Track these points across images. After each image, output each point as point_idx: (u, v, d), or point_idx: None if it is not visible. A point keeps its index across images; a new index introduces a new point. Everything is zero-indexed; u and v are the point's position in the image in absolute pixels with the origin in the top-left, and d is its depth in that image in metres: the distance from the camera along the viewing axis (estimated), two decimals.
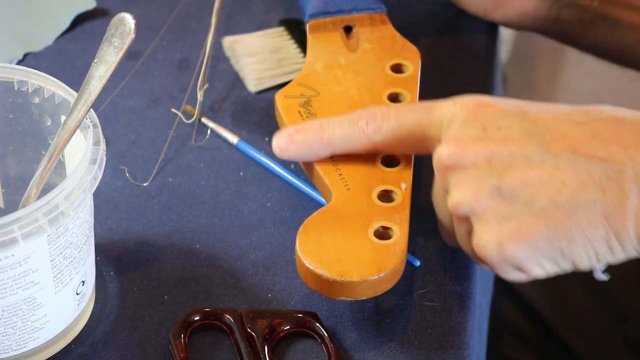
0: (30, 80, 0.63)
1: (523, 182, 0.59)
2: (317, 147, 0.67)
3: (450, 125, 0.62)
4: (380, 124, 0.66)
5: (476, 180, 0.60)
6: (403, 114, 0.66)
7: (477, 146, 0.60)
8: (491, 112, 0.62)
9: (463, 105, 0.63)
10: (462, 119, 0.62)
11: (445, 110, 0.63)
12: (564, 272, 0.61)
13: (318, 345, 0.65)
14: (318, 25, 0.78)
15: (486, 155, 0.60)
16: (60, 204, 0.57)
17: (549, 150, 0.59)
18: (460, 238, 0.64)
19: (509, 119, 0.61)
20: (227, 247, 0.70)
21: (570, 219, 0.58)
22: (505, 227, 0.59)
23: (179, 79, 0.81)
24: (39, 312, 0.61)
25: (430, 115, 0.64)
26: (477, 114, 0.62)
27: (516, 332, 0.96)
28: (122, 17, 0.62)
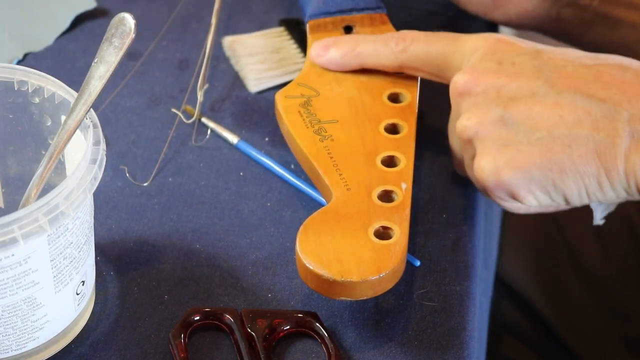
0: (31, 80, 0.63)
1: (525, 114, 0.63)
2: (348, 57, 0.73)
3: (471, 57, 0.67)
4: (409, 45, 0.71)
5: (483, 107, 0.64)
6: (431, 39, 0.70)
7: (489, 77, 0.65)
8: (509, 49, 0.66)
9: (485, 40, 0.67)
10: (482, 53, 0.67)
11: (469, 43, 0.68)
12: (557, 208, 0.65)
13: (318, 345, 0.65)
14: (318, 25, 0.78)
15: (496, 85, 0.64)
16: (61, 204, 0.57)
17: (554, 87, 0.63)
18: (466, 165, 0.68)
19: (524, 57, 0.65)
20: (227, 247, 0.70)
21: (564, 151, 0.61)
22: (504, 154, 0.63)
23: (179, 79, 0.81)
24: (39, 312, 0.61)
25: (455, 46, 0.69)
26: (496, 49, 0.66)
27: (516, 332, 0.96)
28: (122, 17, 0.62)
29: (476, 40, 0.68)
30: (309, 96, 0.73)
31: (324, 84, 0.74)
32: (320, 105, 0.73)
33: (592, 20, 0.82)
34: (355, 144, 0.70)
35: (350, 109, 0.72)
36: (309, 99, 0.73)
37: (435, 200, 0.74)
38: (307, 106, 0.73)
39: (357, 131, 0.71)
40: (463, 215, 0.73)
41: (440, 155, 0.76)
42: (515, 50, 0.66)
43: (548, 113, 0.63)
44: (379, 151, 0.69)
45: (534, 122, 0.63)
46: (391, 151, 0.70)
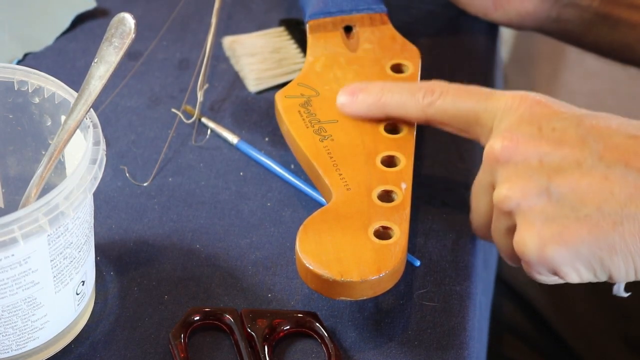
0: (31, 80, 0.63)
1: (572, 187, 0.59)
2: (374, 109, 0.70)
3: (504, 117, 0.64)
4: (436, 99, 0.68)
5: (525, 177, 0.61)
6: (461, 94, 0.67)
7: (530, 144, 0.61)
8: (548, 113, 0.63)
9: (521, 101, 0.64)
10: (519, 115, 0.63)
11: (502, 101, 0.64)
12: (597, 281, 0.62)
13: (318, 345, 0.65)
14: (318, 25, 0.78)
15: (539, 154, 0.61)
16: (60, 204, 0.57)
17: (602, 160, 0.60)
18: (496, 232, 0.64)
19: (565, 122, 0.62)
20: (227, 247, 0.70)
21: (614, 229, 0.58)
22: (549, 229, 0.59)
23: (179, 79, 0.81)
24: (39, 312, 0.61)
25: (486, 103, 0.65)
26: (533, 112, 0.63)
27: (517, 332, 0.96)
28: (122, 17, 0.62)
29: (511, 99, 0.64)
30: (308, 96, 0.73)
31: (323, 84, 0.74)
32: (320, 105, 0.73)
33: (592, 20, 0.82)
34: (355, 144, 0.70)
35: None
36: (308, 99, 0.73)
37: (435, 200, 0.74)
38: (307, 106, 0.73)
39: (357, 131, 0.71)
40: (463, 215, 0.73)
41: (440, 155, 0.76)
42: (555, 115, 0.62)
43: (597, 187, 0.59)
44: (378, 151, 0.69)
45: (581, 196, 0.59)
46: (391, 151, 0.70)
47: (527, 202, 0.60)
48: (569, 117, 0.62)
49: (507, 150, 0.62)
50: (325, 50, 0.77)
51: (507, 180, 0.61)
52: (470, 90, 0.67)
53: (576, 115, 0.62)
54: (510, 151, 0.62)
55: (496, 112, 0.64)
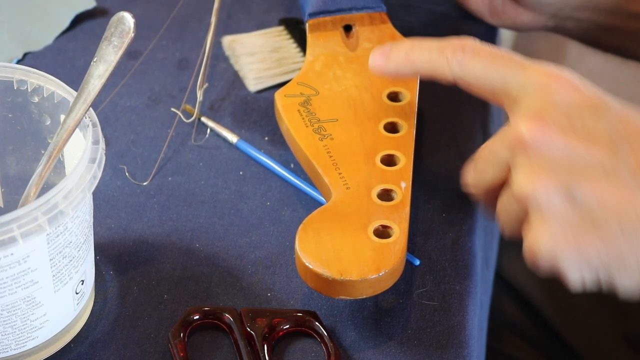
0: (30, 79, 0.63)
1: (597, 196, 0.57)
2: (402, 66, 0.68)
3: (536, 96, 0.60)
4: (466, 60, 0.64)
5: (550, 172, 0.58)
6: (493, 60, 0.63)
7: (560, 135, 0.59)
8: (582, 103, 0.60)
9: (557, 82, 0.61)
10: (551, 98, 0.60)
11: (536, 77, 0.61)
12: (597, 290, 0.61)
13: (317, 344, 0.65)
14: (318, 25, 0.78)
15: (567, 149, 0.58)
16: (60, 203, 0.57)
17: (631, 173, 0.58)
18: (504, 211, 0.62)
19: (599, 120, 0.59)
20: (226, 247, 0.70)
21: (630, 247, 0.57)
22: (566, 233, 0.58)
23: (178, 78, 0.81)
24: (38, 311, 0.61)
25: (518, 75, 0.62)
26: (567, 98, 0.60)
27: (517, 331, 0.96)
28: (122, 16, 0.62)
29: (546, 77, 0.61)
30: (308, 95, 0.73)
31: (323, 83, 0.74)
32: (320, 104, 0.72)
33: (595, 31, 0.82)
34: (355, 143, 0.70)
35: (349, 108, 0.72)
36: (308, 98, 0.73)
37: (435, 199, 0.73)
38: (306, 105, 0.72)
39: (357, 130, 0.71)
40: (463, 215, 0.73)
41: (440, 154, 0.76)
42: (590, 108, 0.59)
43: (622, 202, 0.57)
44: (378, 150, 0.69)
45: (605, 207, 0.57)
46: (391, 150, 0.70)
47: (547, 199, 0.58)
48: (603, 114, 0.59)
49: (535, 136, 0.59)
50: (325, 49, 0.77)
51: (530, 168, 0.59)
52: (503, 57, 0.63)
53: (612, 113, 0.59)
54: (538, 138, 0.59)
55: (527, 87, 0.61)
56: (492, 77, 0.63)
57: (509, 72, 0.62)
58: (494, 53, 0.64)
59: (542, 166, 0.58)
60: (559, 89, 0.60)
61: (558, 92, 0.60)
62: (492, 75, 0.63)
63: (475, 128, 0.80)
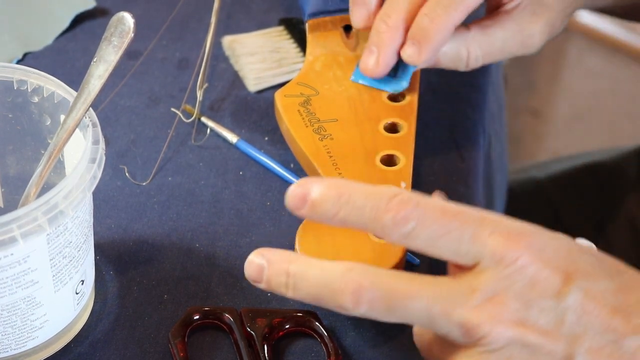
0: (30, 79, 0.63)
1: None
2: (330, 222, 0.57)
3: (490, 273, 0.54)
4: (408, 232, 0.55)
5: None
6: (440, 230, 0.55)
7: (513, 329, 0.54)
8: (539, 279, 0.54)
9: (514, 252, 0.54)
10: (507, 279, 0.54)
11: (489, 249, 0.54)
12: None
13: (317, 345, 0.65)
14: (318, 25, 0.78)
15: (520, 343, 0.54)
16: (60, 203, 0.57)
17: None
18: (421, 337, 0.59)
19: (556, 300, 0.54)
20: (226, 247, 0.70)
21: None
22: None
23: (178, 78, 0.81)
24: (38, 311, 0.61)
25: (469, 246, 0.55)
26: (524, 275, 0.54)
27: None
28: (122, 16, 0.62)
29: (501, 250, 0.54)
30: (308, 95, 0.73)
31: (323, 83, 0.74)
32: (320, 104, 0.73)
33: None
34: (355, 143, 0.70)
35: (349, 108, 0.72)
36: (308, 98, 0.73)
37: None
38: (306, 105, 0.73)
39: (357, 130, 0.71)
40: None
41: (439, 154, 0.76)
42: (547, 284, 0.54)
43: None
44: (378, 150, 0.69)
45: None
46: (390, 150, 0.70)
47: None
48: (564, 296, 0.54)
49: (484, 330, 0.54)
50: (325, 49, 0.77)
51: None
52: (450, 225, 0.55)
53: (574, 293, 0.54)
54: (487, 331, 0.54)
55: (482, 260, 0.54)
56: (441, 249, 0.55)
57: (459, 245, 0.55)
58: (439, 221, 0.55)
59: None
60: (516, 264, 0.54)
61: (515, 271, 0.54)
62: (440, 247, 0.55)
63: (476, 128, 0.80)
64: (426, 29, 0.69)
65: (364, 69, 0.72)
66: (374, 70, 0.72)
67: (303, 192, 0.56)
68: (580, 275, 0.55)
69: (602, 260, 0.56)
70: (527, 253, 0.54)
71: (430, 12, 0.69)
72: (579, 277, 0.55)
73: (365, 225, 0.55)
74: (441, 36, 0.70)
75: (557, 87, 1.92)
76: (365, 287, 0.54)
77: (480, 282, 0.54)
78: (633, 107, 1.95)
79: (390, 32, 0.71)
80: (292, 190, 0.56)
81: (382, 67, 0.72)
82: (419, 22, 0.69)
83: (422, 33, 0.69)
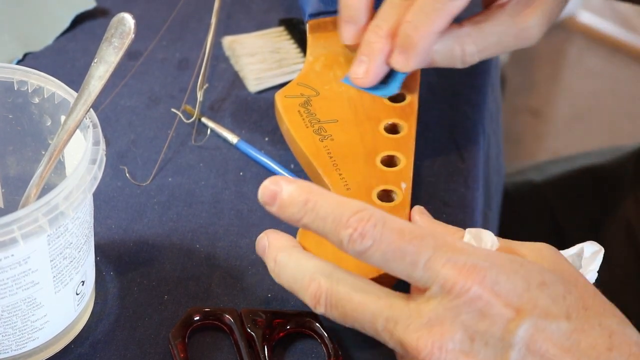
0: (30, 80, 0.63)
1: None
2: (295, 225, 0.60)
3: (439, 301, 0.55)
4: (365, 250, 0.56)
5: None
6: (395, 252, 0.56)
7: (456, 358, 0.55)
8: (487, 312, 0.54)
9: (462, 287, 0.55)
10: (455, 309, 0.55)
11: (441, 276, 0.55)
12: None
13: (318, 345, 0.65)
14: (318, 25, 0.78)
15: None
16: (60, 204, 0.57)
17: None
18: None
19: (498, 344, 0.55)
20: (226, 247, 0.70)
21: None
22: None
23: (178, 78, 0.81)
24: (38, 312, 0.61)
25: (422, 272, 0.55)
26: (471, 312, 0.55)
27: None
28: (122, 17, 0.62)
29: (452, 279, 0.55)
30: (308, 96, 0.73)
31: (323, 84, 0.74)
32: (320, 104, 0.73)
33: None
34: (355, 144, 0.70)
35: (350, 109, 0.72)
36: (308, 99, 0.73)
37: (435, 200, 0.73)
38: (306, 106, 0.73)
39: (357, 131, 0.71)
40: (463, 215, 0.73)
41: (439, 155, 0.76)
42: (493, 325, 0.54)
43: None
44: (378, 151, 0.69)
45: None
46: (391, 151, 0.70)
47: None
48: (511, 334, 0.54)
49: (423, 353, 0.55)
50: (325, 50, 0.77)
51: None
52: (405, 249, 0.55)
53: (523, 327, 0.54)
54: (426, 355, 0.54)
55: (433, 286, 0.55)
56: (394, 271, 0.56)
57: (411, 269, 0.56)
58: (396, 243, 0.56)
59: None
60: (466, 296, 0.55)
61: (464, 300, 0.55)
62: (394, 268, 0.56)
63: (476, 128, 0.80)
64: (411, 36, 0.70)
65: (354, 79, 0.73)
66: (364, 79, 0.73)
67: (274, 190, 0.58)
68: (535, 313, 0.55)
69: (566, 296, 0.56)
70: (479, 286, 0.54)
71: (414, 19, 0.70)
72: (533, 314, 0.55)
73: (326, 235, 0.57)
74: (426, 42, 0.70)
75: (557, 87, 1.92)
76: (323, 292, 0.58)
77: (428, 308, 0.55)
78: (633, 107, 1.95)
79: (380, 42, 0.72)
80: (264, 186, 0.58)
81: (372, 76, 0.73)
82: (404, 30, 0.70)
83: (407, 41, 0.70)
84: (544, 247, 0.60)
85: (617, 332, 0.56)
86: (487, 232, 0.60)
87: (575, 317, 0.55)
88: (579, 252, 0.62)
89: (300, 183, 0.58)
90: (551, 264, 0.58)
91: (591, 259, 0.62)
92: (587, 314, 0.56)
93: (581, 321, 0.55)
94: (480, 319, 0.55)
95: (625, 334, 0.56)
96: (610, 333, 0.55)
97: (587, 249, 0.62)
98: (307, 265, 0.60)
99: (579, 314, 0.55)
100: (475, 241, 0.60)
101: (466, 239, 0.60)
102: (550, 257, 0.59)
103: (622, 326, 0.56)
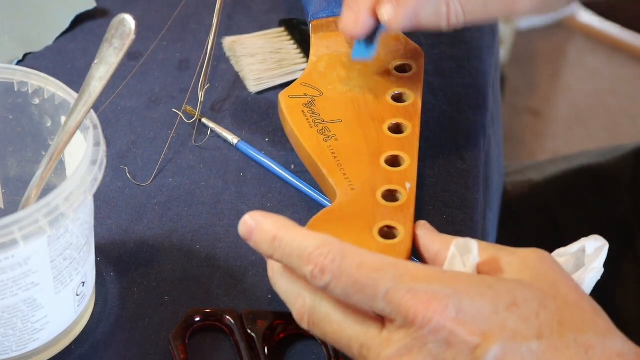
0: (31, 81, 0.63)
1: None
2: (269, 259, 0.60)
3: (401, 333, 0.55)
4: (326, 284, 0.56)
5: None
6: (355, 286, 0.55)
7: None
8: (448, 340, 0.54)
9: (423, 320, 0.54)
10: (416, 343, 0.55)
11: (403, 309, 0.55)
12: None
13: (318, 347, 0.65)
14: (321, 25, 0.78)
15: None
16: (61, 205, 0.57)
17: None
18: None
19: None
20: (227, 248, 0.70)
21: None
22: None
23: (179, 79, 0.81)
24: (39, 314, 0.61)
25: (382, 304, 0.55)
26: (435, 336, 0.54)
27: None
28: (123, 18, 0.62)
29: (414, 311, 0.54)
30: (312, 96, 0.73)
31: (327, 84, 0.74)
32: (324, 105, 0.72)
33: None
34: (359, 144, 0.70)
35: (354, 109, 0.72)
36: (312, 99, 0.73)
37: (435, 200, 0.73)
38: (310, 106, 0.72)
39: (361, 131, 0.71)
40: (463, 216, 0.73)
41: (440, 155, 0.76)
42: (462, 352, 0.54)
43: None
44: (383, 151, 0.69)
45: None
46: (395, 151, 0.69)
47: None
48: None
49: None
50: (329, 50, 0.76)
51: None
52: (364, 282, 0.55)
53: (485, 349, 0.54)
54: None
55: (395, 316, 0.55)
56: (357, 303, 0.56)
57: (374, 301, 0.55)
58: (355, 276, 0.55)
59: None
60: (429, 327, 0.54)
61: (429, 330, 0.54)
62: (356, 301, 0.56)
63: (476, 129, 0.80)
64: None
65: (344, 28, 0.70)
66: (354, 28, 0.70)
67: (250, 227, 0.59)
68: (503, 336, 0.54)
69: (540, 313, 0.55)
70: (440, 317, 0.54)
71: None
72: (502, 337, 0.54)
73: (295, 270, 0.58)
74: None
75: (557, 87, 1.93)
76: (307, 310, 0.58)
77: (397, 337, 0.55)
78: (633, 107, 1.95)
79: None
80: (244, 221, 0.59)
81: (362, 26, 0.70)
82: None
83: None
84: (532, 254, 0.59)
85: (595, 347, 0.55)
86: (474, 243, 0.59)
87: (549, 334, 0.55)
88: (581, 248, 0.61)
89: (274, 219, 0.58)
90: (533, 275, 0.57)
91: (595, 255, 0.62)
92: (562, 330, 0.55)
93: (554, 339, 0.55)
94: (447, 348, 0.54)
95: (605, 347, 0.55)
96: (587, 349, 0.55)
97: (590, 244, 0.61)
98: (297, 279, 0.59)
99: (552, 331, 0.55)
100: (460, 254, 0.60)
101: (451, 252, 0.60)
102: (535, 265, 0.58)
103: (602, 339, 0.55)
